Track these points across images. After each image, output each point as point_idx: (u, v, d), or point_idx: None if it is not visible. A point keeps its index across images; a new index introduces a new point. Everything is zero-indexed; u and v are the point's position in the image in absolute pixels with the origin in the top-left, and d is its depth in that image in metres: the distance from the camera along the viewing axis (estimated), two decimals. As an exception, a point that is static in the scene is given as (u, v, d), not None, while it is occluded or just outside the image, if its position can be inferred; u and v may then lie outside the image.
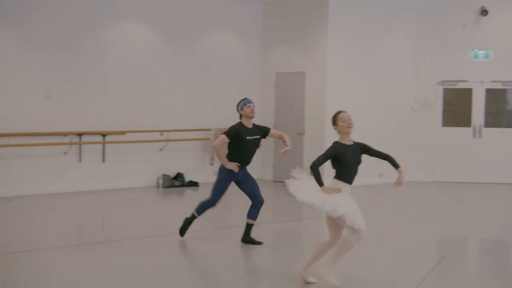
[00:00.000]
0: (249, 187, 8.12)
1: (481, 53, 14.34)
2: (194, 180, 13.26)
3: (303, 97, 13.61)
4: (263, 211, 8.28)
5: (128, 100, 12.66)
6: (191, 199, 12.24)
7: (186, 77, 13.43)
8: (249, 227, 8.18)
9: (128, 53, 12.67)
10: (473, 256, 8.39)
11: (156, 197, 12.14)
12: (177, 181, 13.00)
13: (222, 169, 8.02)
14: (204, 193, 12.33)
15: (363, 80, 13.63)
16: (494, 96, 14.47)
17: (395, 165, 6.56)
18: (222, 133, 8.00)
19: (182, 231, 8.29)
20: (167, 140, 12.98)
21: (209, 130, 13.54)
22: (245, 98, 8.14)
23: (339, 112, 6.55)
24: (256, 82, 14.48)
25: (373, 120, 13.73)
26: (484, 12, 14.14)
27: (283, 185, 8.18)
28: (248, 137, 7.99)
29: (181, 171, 13.19)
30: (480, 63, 14.38)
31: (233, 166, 7.90)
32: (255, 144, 8.12)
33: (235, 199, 9.98)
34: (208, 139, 13.51)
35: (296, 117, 13.74)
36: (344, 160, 6.32)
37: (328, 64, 13.17)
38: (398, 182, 6.48)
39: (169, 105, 13.15)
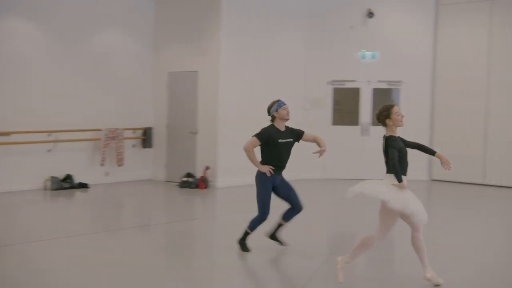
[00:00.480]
0: (287, 192, 7.68)
1: (368, 54, 14.84)
2: (84, 181, 12.86)
3: (196, 96, 13.53)
4: (155, 211, 8.15)
5: (13, 100, 12.07)
6: (80, 200, 11.90)
7: (76, 76, 12.98)
8: (279, 226, 7.80)
9: (14, 51, 12.07)
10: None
11: (42, 200, 11.66)
12: (66, 183, 12.56)
13: (258, 179, 7.53)
14: (95, 194, 12.15)
15: (256, 79, 13.74)
16: (380, 96, 15.01)
17: (431, 152, 6.62)
18: (252, 136, 7.62)
19: (244, 249, 7.64)
20: (55, 141, 12.51)
21: (99, 130, 13.19)
22: (279, 100, 7.88)
23: (392, 106, 6.44)
24: (147, 81, 14.25)
25: (266, 119, 13.84)
26: (370, 14, 14.65)
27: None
28: (280, 140, 7.62)
29: (70, 173, 12.76)
30: (367, 64, 14.88)
31: (266, 169, 7.46)
32: (289, 148, 7.70)
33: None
34: (98, 139, 13.15)
35: (189, 116, 13.65)
36: (403, 152, 6.29)
37: (221, 64, 13.16)
38: (446, 164, 6.42)
39: (58, 105, 12.67)
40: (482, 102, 14.15)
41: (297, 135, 7.79)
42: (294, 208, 7.68)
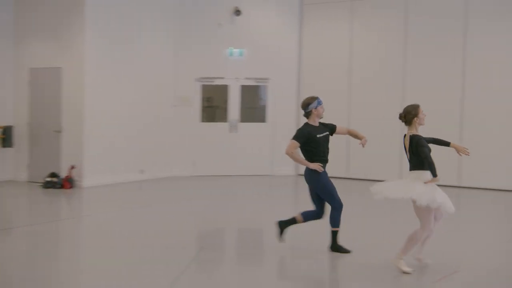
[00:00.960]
0: (321, 197, 7.66)
1: (236, 51, 14.99)
2: None
3: (60, 93, 13.02)
4: (16, 214, 7.73)
5: None
6: None
7: None
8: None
9: None
10: (229, 245, 8.69)
11: None
12: None
13: (314, 178, 7.52)
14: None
15: (123, 76, 13.47)
16: (249, 92, 15.22)
17: (446, 143, 6.99)
18: (291, 139, 7.53)
19: (343, 250, 7.55)
20: None
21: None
22: (318, 98, 7.63)
23: (418, 106, 6.75)
24: (7, 77, 13.53)
25: (134, 117, 13.66)
26: (237, 12, 14.81)
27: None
28: (318, 135, 7.55)
29: None
30: (235, 61, 15.03)
31: (316, 166, 7.42)
32: (327, 141, 7.66)
33: None
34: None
35: (53, 114, 13.10)
36: (429, 149, 6.61)
37: (86, 60, 12.74)
38: (463, 151, 6.91)
39: None
40: (345, 100, 14.74)
41: (331, 129, 7.78)
42: (318, 214, 7.72)
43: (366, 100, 14.49)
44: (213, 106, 15.40)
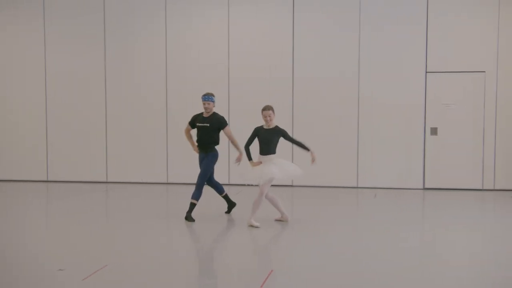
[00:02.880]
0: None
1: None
2: None
3: None
4: None
5: None
6: None
7: None
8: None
9: None
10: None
11: None
12: None
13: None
14: None
15: None
16: None
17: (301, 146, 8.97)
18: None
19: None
20: None
21: None
22: (206, 94, 9.40)
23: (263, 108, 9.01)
24: None
25: None
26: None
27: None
28: (198, 124, 9.38)
29: None
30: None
31: (194, 148, 9.58)
32: (205, 131, 9.39)
33: None
34: None
35: None
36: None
37: None
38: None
39: None
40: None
41: (219, 127, 9.38)
42: (216, 187, 9.79)
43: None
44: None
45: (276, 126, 8.92)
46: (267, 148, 8.81)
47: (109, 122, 13.51)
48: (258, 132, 8.91)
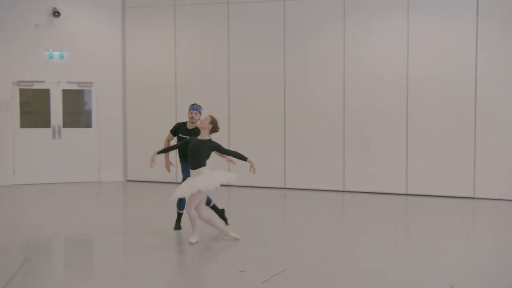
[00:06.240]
0: None
1: (56, 54, 14.41)
2: None
3: None
4: None
5: None
6: None
7: None
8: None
9: None
10: (57, 256, 8.33)
11: None
12: None
13: None
14: None
15: None
16: (72, 97, 14.69)
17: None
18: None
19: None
20: None
21: None
22: (193, 104, 9.01)
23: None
24: None
25: None
26: (56, 13, 14.22)
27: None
28: (181, 135, 9.02)
29: None
30: (56, 64, 14.44)
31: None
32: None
33: None
34: None
35: None
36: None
37: None
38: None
39: None
40: (172, 106, 14.66)
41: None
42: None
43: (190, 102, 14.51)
44: (32, 111, 14.64)
45: (210, 139, 8.27)
46: (195, 161, 8.14)
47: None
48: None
